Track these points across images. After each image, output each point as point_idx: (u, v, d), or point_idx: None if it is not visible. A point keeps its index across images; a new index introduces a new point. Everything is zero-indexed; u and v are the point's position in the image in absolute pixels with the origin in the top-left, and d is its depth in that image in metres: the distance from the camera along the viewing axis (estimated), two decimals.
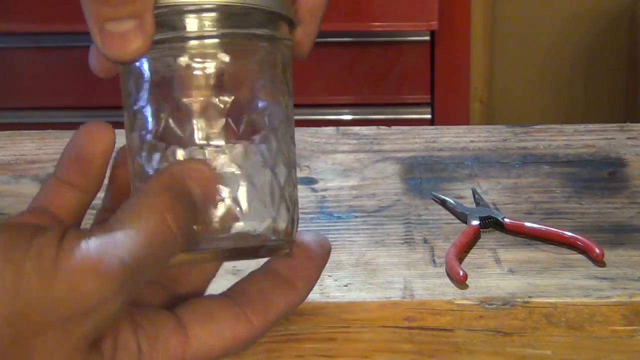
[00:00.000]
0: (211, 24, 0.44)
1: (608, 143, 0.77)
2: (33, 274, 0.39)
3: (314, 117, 1.78)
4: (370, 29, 1.80)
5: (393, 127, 0.80)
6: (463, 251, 0.63)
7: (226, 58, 0.45)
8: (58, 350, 0.39)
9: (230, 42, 0.45)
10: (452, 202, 0.69)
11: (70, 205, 0.45)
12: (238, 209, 0.44)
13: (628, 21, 2.12)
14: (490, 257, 0.63)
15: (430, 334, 0.58)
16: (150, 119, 0.45)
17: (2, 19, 1.76)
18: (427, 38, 1.81)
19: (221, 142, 0.44)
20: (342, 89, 1.84)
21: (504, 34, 2.14)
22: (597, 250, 0.62)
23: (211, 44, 0.44)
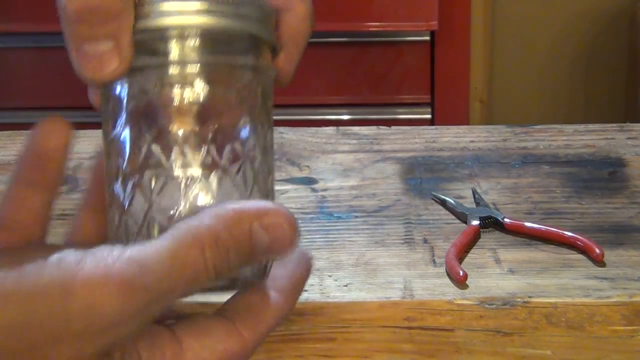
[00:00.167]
0: (192, 51, 0.43)
1: (608, 143, 0.77)
2: (51, 285, 0.38)
3: (314, 117, 1.78)
4: (370, 29, 1.80)
5: (393, 127, 0.80)
6: (463, 251, 0.63)
7: (206, 88, 0.44)
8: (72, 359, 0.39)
9: (212, 70, 0.44)
10: (452, 202, 0.69)
11: (35, 209, 0.45)
12: None
13: (628, 21, 2.12)
14: (490, 257, 0.63)
15: (430, 334, 0.58)
16: (127, 147, 0.44)
17: (2, 19, 1.76)
18: (427, 38, 1.81)
19: (197, 172, 0.44)
20: (341, 89, 1.84)
21: (504, 34, 2.14)
22: (597, 250, 0.62)
23: (192, 73, 0.43)
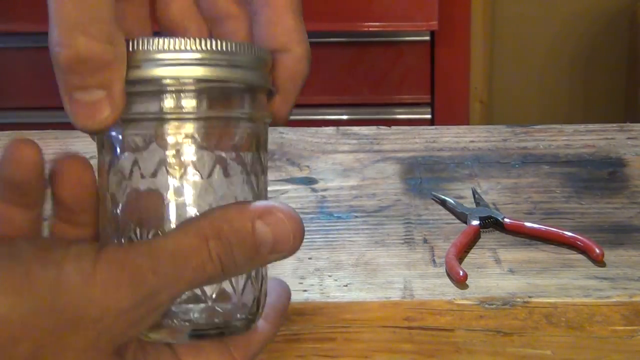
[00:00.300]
0: (187, 103, 0.43)
1: (608, 143, 0.77)
2: (73, 273, 0.40)
3: (314, 117, 1.79)
4: (370, 29, 1.80)
5: (393, 127, 0.80)
6: (463, 251, 0.63)
7: (203, 142, 0.44)
8: (88, 351, 0.41)
9: (207, 123, 0.44)
10: (452, 202, 0.69)
11: (23, 224, 0.45)
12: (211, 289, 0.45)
13: (628, 21, 2.12)
14: (490, 257, 0.63)
15: (430, 334, 0.58)
16: (121, 197, 0.44)
17: (2, 19, 1.76)
18: (427, 38, 1.82)
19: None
20: (342, 89, 1.84)
21: (503, 34, 2.14)
22: (597, 250, 0.62)
23: (187, 126, 0.44)
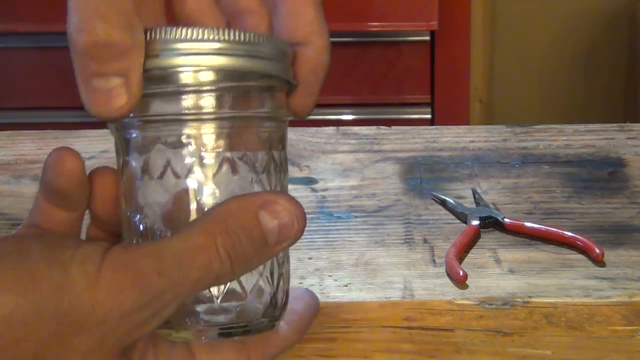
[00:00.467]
0: (207, 105, 0.43)
1: (608, 143, 0.77)
2: (78, 276, 0.40)
3: (314, 117, 1.78)
4: (370, 29, 1.80)
5: (393, 127, 0.80)
6: (463, 251, 0.63)
7: (224, 142, 0.43)
8: (91, 353, 0.40)
9: (228, 124, 0.43)
10: (452, 202, 0.69)
11: (62, 222, 0.46)
12: (236, 286, 0.44)
13: (628, 20, 2.12)
14: (490, 257, 0.63)
15: (430, 334, 0.58)
16: (139, 199, 0.44)
17: (2, 19, 1.76)
18: (427, 38, 1.81)
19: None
20: (342, 89, 1.84)
21: (503, 33, 2.14)
22: (597, 250, 0.62)
23: (206, 126, 0.43)
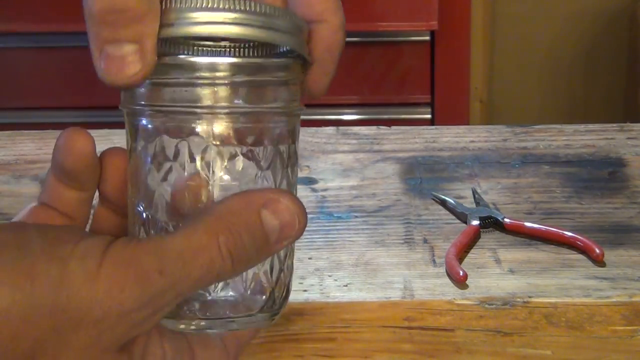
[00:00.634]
0: (221, 97, 0.42)
1: (608, 143, 0.77)
2: (77, 271, 0.40)
3: (314, 117, 1.78)
4: (370, 29, 1.80)
5: (393, 127, 0.80)
6: (463, 251, 0.63)
7: (236, 136, 0.43)
8: (89, 349, 0.40)
9: (241, 118, 0.43)
10: (452, 202, 0.69)
11: (72, 202, 0.46)
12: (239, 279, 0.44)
13: (628, 20, 2.12)
14: (490, 257, 0.63)
15: (430, 334, 0.58)
16: (149, 180, 0.44)
17: (2, 19, 1.76)
18: (427, 38, 1.81)
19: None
20: (342, 89, 1.84)
21: (503, 33, 2.14)
22: (597, 250, 0.62)
23: (216, 120, 0.43)
